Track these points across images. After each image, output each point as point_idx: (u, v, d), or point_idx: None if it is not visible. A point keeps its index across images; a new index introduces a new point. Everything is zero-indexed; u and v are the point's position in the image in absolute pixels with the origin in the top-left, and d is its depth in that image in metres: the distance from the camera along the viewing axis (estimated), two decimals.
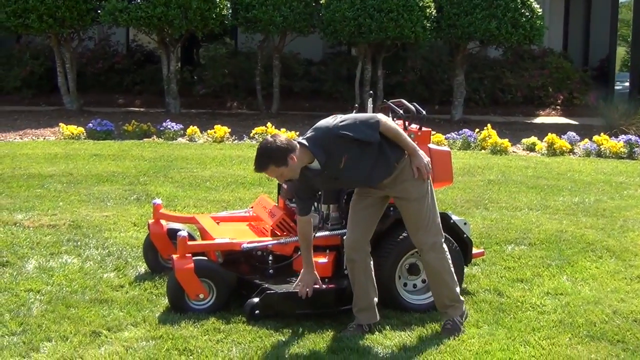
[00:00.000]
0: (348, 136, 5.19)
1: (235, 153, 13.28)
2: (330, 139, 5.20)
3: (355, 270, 5.60)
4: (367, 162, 5.31)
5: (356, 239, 5.57)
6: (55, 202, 9.19)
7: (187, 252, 5.79)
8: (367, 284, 5.61)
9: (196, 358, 5.05)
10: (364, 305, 5.61)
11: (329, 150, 5.21)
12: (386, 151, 5.33)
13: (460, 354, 5.19)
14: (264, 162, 5.17)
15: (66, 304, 5.92)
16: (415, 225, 5.54)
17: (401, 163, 5.41)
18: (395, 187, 5.47)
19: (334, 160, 5.24)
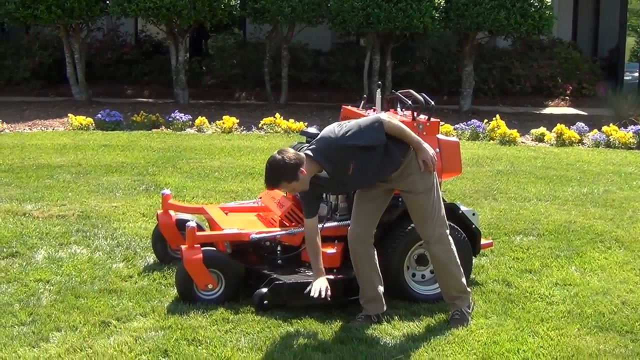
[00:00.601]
0: (355, 145, 5.19)
1: (243, 143, 13.28)
2: (337, 150, 5.21)
3: (360, 261, 5.60)
4: (374, 163, 5.31)
5: (360, 231, 5.57)
6: (64, 192, 9.21)
7: (196, 242, 5.80)
8: (372, 275, 5.61)
9: (205, 348, 5.06)
10: (371, 296, 5.61)
11: (336, 160, 5.22)
12: (392, 148, 5.33)
13: (468, 345, 5.19)
14: (276, 179, 5.18)
15: (75, 294, 5.94)
16: (422, 218, 5.53)
17: (407, 157, 5.40)
18: (402, 181, 5.46)
19: (341, 168, 5.25)
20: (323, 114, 16.84)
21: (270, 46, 18.49)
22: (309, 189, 5.36)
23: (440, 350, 5.11)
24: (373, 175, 5.37)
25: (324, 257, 5.91)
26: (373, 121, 5.29)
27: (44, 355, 4.88)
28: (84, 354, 4.92)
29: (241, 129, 14.96)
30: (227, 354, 4.96)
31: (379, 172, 5.35)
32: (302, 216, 6.17)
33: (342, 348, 5.13)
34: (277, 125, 14.78)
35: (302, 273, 5.96)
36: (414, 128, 6.02)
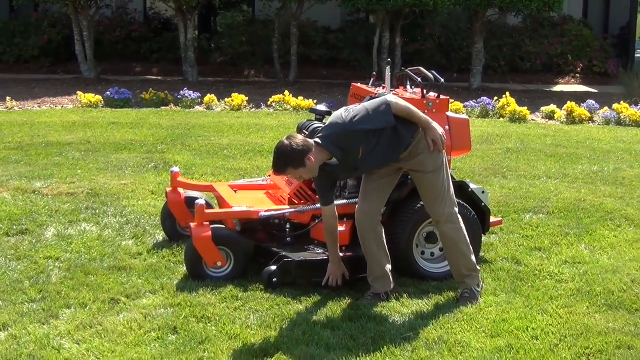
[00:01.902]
0: (364, 130, 5.17)
1: (252, 121, 13.27)
2: (346, 136, 5.19)
3: (367, 240, 5.60)
4: (384, 146, 5.29)
5: (368, 209, 5.56)
6: (73, 170, 9.22)
7: (205, 220, 5.80)
8: (379, 253, 5.61)
9: (214, 325, 5.07)
10: (379, 274, 5.61)
11: (345, 146, 5.20)
12: (400, 130, 5.30)
13: (477, 322, 5.19)
14: (282, 166, 5.17)
15: (85, 271, 5.95)
16: (432, 197, 5.52)
17: (416, 137, 5.37)
18: (411, 160, 5.44)
19: (351, 153, 5.23)
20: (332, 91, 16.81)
21: (279, 23, 18.42)
22: (322, 178, 5.36)
23: (449, 328, 5.11)
24: (383, 157, 5.35)
25: None
26: (380, 104, 5.27)
27: (54, 332, 4.90)
28: (93, 331, 4.93)
29: (250, 107, 14.94)
30: (236, 331, 4.97)
31: (389, 154, 5.34)
32: (310, 194, 6.19)
33: (351, 326, 5.13)
34: (286, 102, 14.76)
35: (311, 251, 5.96)
36: (424, 106, 6.00)
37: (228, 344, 4.81)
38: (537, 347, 4.88)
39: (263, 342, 4.84)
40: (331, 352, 4.75)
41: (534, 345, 4.90)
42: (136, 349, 4.72)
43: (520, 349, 4.84)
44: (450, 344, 4.88)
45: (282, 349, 4.76)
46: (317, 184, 5.53)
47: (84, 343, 4.78)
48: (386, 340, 4.92)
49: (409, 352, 4.78)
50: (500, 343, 4.91)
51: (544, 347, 4.87)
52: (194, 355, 4.65)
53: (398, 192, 5.85)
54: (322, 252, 5.88)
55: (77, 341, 4.80)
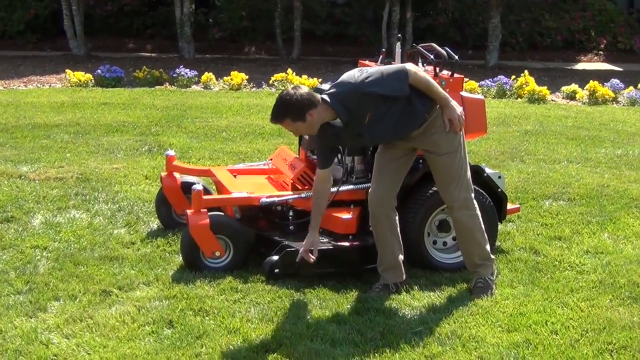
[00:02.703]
0: (375, 93, 5.15)
1: (253, 101, 13.26)
2: (355, 97, 5.15)
3: (380, 226, 5.60)
4: (394, 116, 5.25)
5: (381, 194, 5.55)
6: (62, 153, 9.22)
7: (202, 207, 5.80)
8: (392, 241, 5.61)
9: (212, 319, 5.08)
10: (390, 263, 5.61)
11: (352, 107, 5.16)
12: (415, 103, 5.27)
13: (493, 316, 5.20)
14: (280, 114, 5.14)
15: (74, 261, 5.97)
16: (446, 181, 5.50)
17: (432, 114, 5.35)
18: (425, 140, 5.42)
19: (357, 117, 5.20)
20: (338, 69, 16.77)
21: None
22: (323, 138, 5.35)
23: (463, 322, 5.11)
24: (392, 130, 5.31)
25: (339, 223, 5.93)
26: (397, 70, 5.25)
27: (42, 326, 4.92)
28: (83, 325, 4.95)
29: (250, 86, 14.93)
30: (235, 325, 4.98)
31: (399, 128, 5.31)
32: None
33: (358, 320, 5.14)
34: (289, 81, 14.73)
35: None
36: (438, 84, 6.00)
37: (227, 338, 4.82)
38: (557, 342, 4.88)
39: (264, 337, 4.85)
40: (337, 347, 4.76)
41: (553, 340, 4.91)
42: (129, 344, 4.73)
43: (538, 344, 4.85)
44: (464, 339, 4.88)
45: (284, 344, 4.77)
46: (317, 145, 5.51)
47: (74, 337, 4.79)
48: (395, 334, 4.92)
49: (420, 347, 4.79)
50: (517, 338, 4.91)
51: (563, 343, 4.87)
52: (190, 351, 4.66)
53: (409, 176, 5.83)
54: (328, 241, 5.88)
55: (66, 335, 4.81)
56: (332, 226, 6.01)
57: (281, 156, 6.69)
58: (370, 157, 6.10)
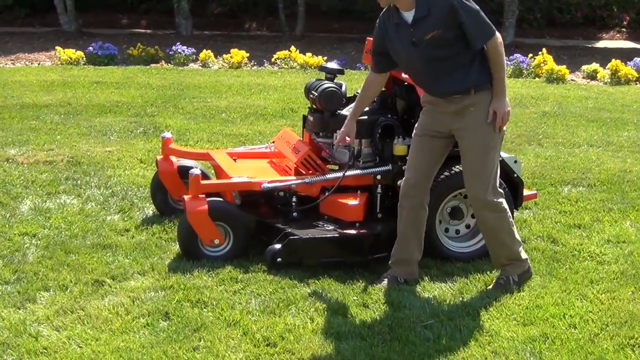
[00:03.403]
0: (460, 15, 5.09)
1: (254, 80, 13.24)
2: (442, 2, 5.11)
3: (404, 218, 5.59)
4: (448, 58, 5.20)
5: (414, 182, 5.51)
6: (52, 135, 9.23)
7: (201, 192, 5.80)
8: (411, 238, 5.60)
9: (211, 311, 5.08)
10: (402, 257, 5.61)
11: (431, 10, 5.12)
12: (473, 67, 5.22)
13: (508, 309, 5.20)
14: None
15: (65, 249, 5.97)
16: (471, 176, 5.40)
17: (479, 93, 5.25)
18: (459, 121, 5.30)
19: (426, 25, 5.14)
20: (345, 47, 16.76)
21: None
22: (376, 38, 5.38)
23: (476, 315, 5.11)
24: (437, 70, 5.24)
25: (346, 210, 5.93)
26: (490, 25, 5.20)
27: (31, 318, 4.92)
28: (75, 317, 4.95)
29: (251, 64, 14.91)
30: (235, 317, 4.98)
31: (444, 74, 5.22)
32: (320, 163, 6.18)
33: (365, 312, 5.14)
34: (292, 59, 14.72)
35: (320, 227, 5.97)
36: None
37: (226, 331, 4.83)
38: (575, 336, 4.88)
39: (265, 330, 4.85)
40: (342, 341, 4.76)
41: (571, 334, 4.91)
42: (123, 337, 4.74)
43: (556, 338, 4.84)
44: (477, 333, 4.88)
45: (286, 337, 4.77)
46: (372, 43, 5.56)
47: (65, 330, 4.80)
48: (404, 328, 4.92)
49: (430, 342, 4.79)
50: (534, 332, 4.91)
51: (582, 337, 4.87)
52: (187, 344, 4.66)
53: None
54: (333, 229, 5.88)
55: (57, 327, 4.82)
56: (337, 213, 6.01)
57: (284, 139, 6.69)
58: (378, 139, 6.09)
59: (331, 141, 6.33)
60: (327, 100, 6.21)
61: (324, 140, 6.36)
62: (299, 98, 11.29)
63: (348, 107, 6.23)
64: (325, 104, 6.22)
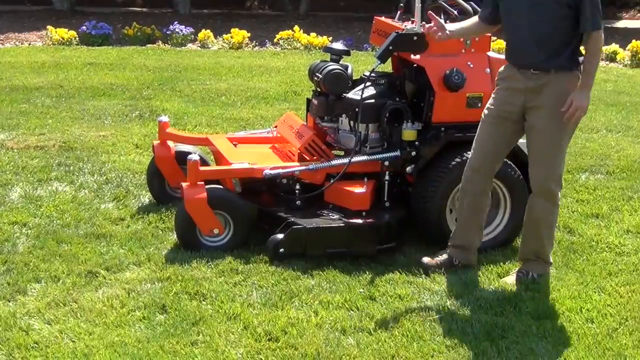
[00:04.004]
0: None
1: (255, 62, 13.23)
2: None
3: (465, 205, 5.62)
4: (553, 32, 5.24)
5: (477, 169, 5.53)
6: (43, 119, 9.23)
7: (199, 179, 5.81)
8: (472, 224, 5.65)
9: (210, 303, 5.09)
10: (462, 244, 5.68)
11: None
12: (567, 50, 5.27)
13: (522, 302, 5.20)
14: None
15: (57, 239, 5.98)
16: (541, 157, 5.42)
17: (558, 73, 5.28)
18: (537, 98, 5.32)
19: None
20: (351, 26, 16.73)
21: None
22: None
23: (488, 308, 5.12)
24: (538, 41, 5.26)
25: (351, 198, 5.93)
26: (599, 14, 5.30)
27: (21, 310, 4.93)
28: (67, 310, 4.96)
29: (253, 45, 14.89)
30: (235, 310, 4.99)
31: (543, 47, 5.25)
32: (324, 148, 6.19)
33: (371, 305, 5.15)
34: (295, 40, 14.70)
35: (325, 216, 5.97)
36: (461, 44, 5.99)
37: (226, 325, 4.84)
38: (593, 331, 4.89)
39: (267, 324, 4.86)
40: (347, 335, 4.77)
41: (588, 329, 4.91)
42: (118, 331, 4.75)
43: (572, 333, 4.85)
44: (489, 327, 4.89)
45: (289, 332, 4.78)
46: None
47: (57, 323, 4.81)
48: (413, 322, 4.93)
49: (440, 336, 4.80)
50: (549, 326, 4.91)
51: (600, 332, 4.88)
52: (186, 339, 4.67)
53: (429, 146, 5.84)
54: (338, 218, 5.88)
55: (48, 321, 4.83)
56: (343, 201, 6.01)
57: (287, 123, 6.68)
58: (385, 125, 6.08)
59: (336, 125, 6.32)
60: (332, 83, 6.20)
61: (329, 124, 6.36)
62: (303, 80, 11.28)
63: (354, 90, 6.23)
64: (330, 86, 6.21)
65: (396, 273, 5.60)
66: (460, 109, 6.01)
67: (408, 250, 5.95)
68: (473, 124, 5.86)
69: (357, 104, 6.00)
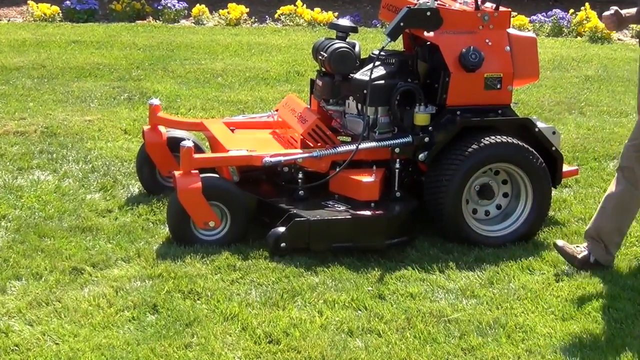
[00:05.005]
0: None
1: (254, 40, 13.21)
2: None
3: (615, 188, 5.64)
4: None
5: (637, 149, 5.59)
6: (23, 102, 9.22)
7: (193, 167, 5.80)
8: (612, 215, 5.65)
9: (205, 303, 5.09)
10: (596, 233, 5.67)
11: None
12: None
13: (544, 301, 5.20)
14: None
15: (39, 232, 5.98)
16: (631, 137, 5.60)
17: None
18: None
19: None
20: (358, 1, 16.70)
21: None
22: None
23: (508, 308, 5.12)
24: None
25: (359, 188, 5.93)
26: None
27: (0, 311, 4.94)
28: (50, 309, 4.97)
29: (252, 21, 14.87)
30: (233, 310, 5.00)
31: None
32: (329, 134, 6.18)
33: (380, 304, 5.15)
34: (298, 15, 14.67)
35: (330, 207, 5.97)
36: (478, 20, 5.98)
37: (222, 326, 4.84)
38: (622, 333, 4.88)
39: (267, 325, 4.86)
40: (355, 337, 4.78)
41: (617, 331, 4.91)
42: (105, 332, 4.75)
43: (600, 335, 4.85)
44: (509, 329, 4.89)
45: (291, 333, 4.78)
46: None
47: (39, 324, 4.81)
48: (426, 323, 4.93)
49: (456, 338, 4.80)
50: (574, 328, 4.91)
51: (630, 334, 4.87)
52: (179, 341, 4.68)
53: (443, 131, 5.83)
54: (345, 210, 5.88)
55: (30, 322, 4.84)
56: (350, 191, 6.01)
57: (289, 106, 6.68)
58: (396, 108, 6.07)
59: (343, 109, 6.32)
60: (338, 62, 6.19)
61: (335, 107, 6.35)
62: (306, 60, 11.26)
63: (362, 70, 6.22)
64: (336, 66, 6.19)
65: (408, 269, 5.60)
66: (477, 90, 6.01)
67: (421, 245, 5.95)
68: (491, 107, 5.86)
69: (365, 85, 6.00)
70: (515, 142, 5.91)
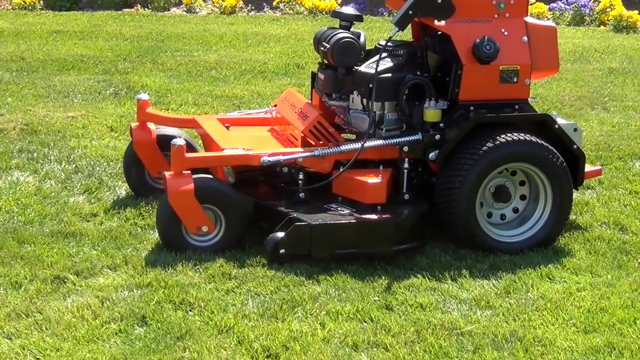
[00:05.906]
0: None
1: (251, 29, 13.23)
2: None
3: None
4: None
5: None
6: (1, 97, 9.24)
7: (185, 167, 5.81)
8: None
9: (198, 314, 5.10)
10: None
11: None
12: None
13: (565, 312, 5.20)
14: None
15: (18, 238, 5.98)
16: None
17: None
18: None
19: None
20: None
21: None
22: None
23: (526, 320, 5.12)
24: None
25: (365, 190, 5.93)
26: None
27: None
28: (30, 321, 4.97)
29: (248, 9, 14.89)
30: (228, 321, 5.00)
31: None
32: (332, 131, 6.17)
33: (387, 316, 5.15)
34: (298, 3, 14.69)
35: (333, 211, 5.97)
36: (493, 8, 5.98)
37: (217, 339, 4.84)
38: None
39: (265, 338, 4.86)
40: (360, 351, 4.78)
41: None
42: (90, 346, 4.75)
43: (624, 349, 4.85)
44: (527, 342, 4.89)
45: (291, 347, 4.79)
46: None
47: (18, 337, 4.81)
48: (437, 336, 4.93)
49: (469, 352, 4.80)
50: (597, 341, 4.91)
51: None
52: (169, 355, 4.68)
53: (456, 128, 5.84)
54: (349, 214, 5.88)
55: (8, 335, 4.84)
56: (355, 194, 6.01)
57: (288, 102, 6.68)
58: (404, 103, 6.08)
59: (347, 104, 6.32)
60: (341, 54, 6.19)
61: (338, 103, 6.35)
62: (307, 51, 11.28)
63: (367, 62, 6.22)
64: (339, 58, 6.19)
65: (417, 278, 5.60)
66: (492, 84, 6.01)
67: (431, 251, 5.96)
68: (507, 103, 5.85)
69: (371, 78, 6.00)
70: (533, 140, 5.91)
